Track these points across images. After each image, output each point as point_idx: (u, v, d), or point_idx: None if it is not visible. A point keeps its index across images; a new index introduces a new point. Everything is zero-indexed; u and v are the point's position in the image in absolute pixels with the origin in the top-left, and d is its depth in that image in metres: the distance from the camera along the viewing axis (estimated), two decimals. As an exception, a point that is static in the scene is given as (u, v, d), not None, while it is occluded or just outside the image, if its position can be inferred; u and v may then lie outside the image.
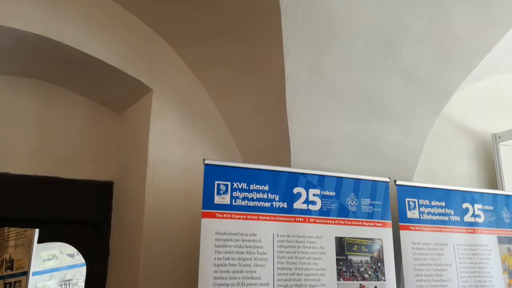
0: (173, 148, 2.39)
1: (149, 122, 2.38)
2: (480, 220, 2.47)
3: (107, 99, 2.65)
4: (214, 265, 1.86)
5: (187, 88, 2.49)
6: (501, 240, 2.50)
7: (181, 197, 2.32)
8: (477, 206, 2.48)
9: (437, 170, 2.72)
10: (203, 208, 1.91)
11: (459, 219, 2.41)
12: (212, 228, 1.91)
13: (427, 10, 2.09)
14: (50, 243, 3.89)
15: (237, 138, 2.49)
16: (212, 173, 1.96)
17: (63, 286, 4.20)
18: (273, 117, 2.25)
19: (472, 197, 2.48)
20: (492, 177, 2.91)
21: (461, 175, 2.83)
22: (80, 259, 4.07)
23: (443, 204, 2.39)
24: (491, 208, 2.53)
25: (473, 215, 2.46)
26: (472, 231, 2.43)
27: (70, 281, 4.24)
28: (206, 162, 1.97)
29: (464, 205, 2.45)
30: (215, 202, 1.94)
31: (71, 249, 4.10)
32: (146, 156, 2.34)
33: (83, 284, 3.16)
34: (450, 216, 2.39)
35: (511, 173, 2.86)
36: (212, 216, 1.92)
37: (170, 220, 2.28)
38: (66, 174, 2.54)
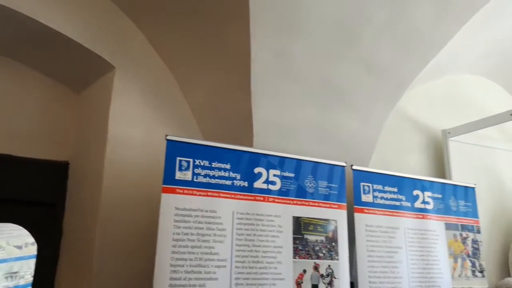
0: (134, 126, 2.37)
1: (110, 100, 2.34)
2: (429, 206, 2.60)
3: (67, 76, 2.58)
4: (173, 239, 1.86)
5: (150, 67, 2.48)
6: (448, 227, 2.65)
7: (141, 175, 2.30)
8: (427, 193, 2.61)
9: (390, 160, 2.85)
10: (163, 183, 1.91)
11: (410, 205, 2.53)
12: (172, 204, 1.90)
13: (388, 2, 2.18)
14: (-2, 232, 3.72)
15: (199, 118, 2.50)
16: (174, 149, 1.96)
17: (9, 278, 4.01)
18: (237, 99, 2.28)
19: (422, 185, 2.61)
20: (441, 170, 3.08)
21: (412, 167, 2.97)
22: (28, 251, 3.91)
23: (396, 190, 2.50)
24: (439, 196, 2.66)
25: (423, 201, 2.59)
26: (421, 216, 2.55)
27: (16, 274, 4.05)
28: (168, 138, 1.96)
29: (415, 192, 2.57)
30: (176, 177, 1.94)
31: (19, 241, 3.93)
32: (105, 134, 2.30)
33: (30, 277, 3.04)
34: (402, 202, 2.51)
35: (459, 166, 3.03)
36: (173, 191, 1.92)
37: (129, 198, 2.25)
38: (20, 152, 2.46)
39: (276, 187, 2.15)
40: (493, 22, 2.73)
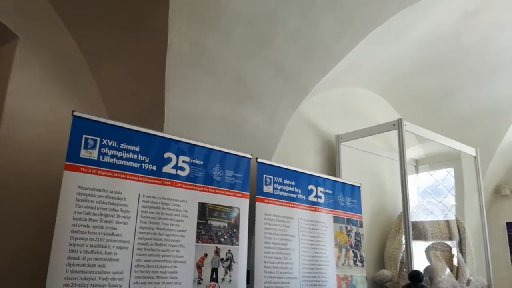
0: (36, 102, 2.24)
1: (10, 72, 2.19)
2: (321, 200, 2.87)
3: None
4: (73, 219, 1.81)
5: (58, 43, 2.37)
6: (336, 220, 2.94)
7: (43, 153, 2.19)
8: (320, 188, 2.88)
9: (291, 157, 3.07)
10: (66, 160, 1.85)
11: (304, 198, 2.77)
12: (75, 182, 1.85)
13: (299, 10, 2.38)
14: None
15: (108, 100, 2.44)
16: (81, 126, 1.91)
17: None
18: (150, 84, 2.28)
19: (316, 181, 2.88)
20: (333, 170, 3.39)
21: (308, 165, 3.23)
22: None
23: (293, 183, 2.72)
24: (330, 192, 2.95)
25: (316, 196, 2.85)
26: (314, 209, 2.81)
27: None
28: (75, 114, 1.90)
29: (310, 187, 2.82)
30: (81, 155, 1.89)
31: None
32: (1, 108, 2.14)
33: None
34: (298, 195, 2.73)
35: (348, 167, 3.38)
36: (76, 169, 1.87)
37: (28, 176, 2.12)
38: None
39: (184, 173, 2.21)
40: (387, 41, 3.08)
